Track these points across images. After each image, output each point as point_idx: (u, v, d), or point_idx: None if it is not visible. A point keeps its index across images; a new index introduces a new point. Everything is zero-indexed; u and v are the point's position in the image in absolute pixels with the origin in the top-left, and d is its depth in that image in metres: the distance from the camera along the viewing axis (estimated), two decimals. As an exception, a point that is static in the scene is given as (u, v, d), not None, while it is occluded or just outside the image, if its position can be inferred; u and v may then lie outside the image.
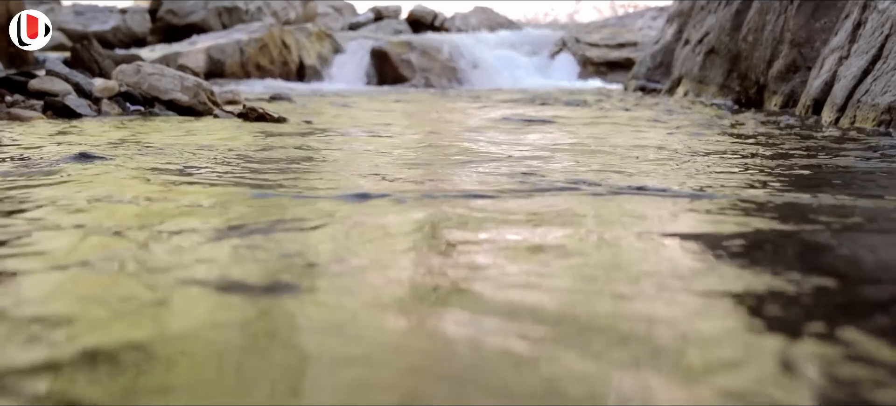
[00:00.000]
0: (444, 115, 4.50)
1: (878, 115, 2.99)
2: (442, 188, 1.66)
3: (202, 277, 0.92)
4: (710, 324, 0.77)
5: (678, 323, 0.77)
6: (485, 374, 0.64)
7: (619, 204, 1.47)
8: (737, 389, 0.61)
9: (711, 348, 0.70)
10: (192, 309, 0.81)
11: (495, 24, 15.61)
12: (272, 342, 0.72)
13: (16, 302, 0.84)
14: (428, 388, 0.62)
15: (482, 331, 0.74)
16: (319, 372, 0.66)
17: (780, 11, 4.82)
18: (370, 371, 0.65)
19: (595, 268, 0.99)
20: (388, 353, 0.69)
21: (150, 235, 1.14)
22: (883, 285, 0.94)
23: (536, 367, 0.66)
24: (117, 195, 1.51)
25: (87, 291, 0.88)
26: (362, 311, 0.80)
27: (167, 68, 4.40)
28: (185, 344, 0.71)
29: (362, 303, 0.83)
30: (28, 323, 0.75)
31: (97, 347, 0.69)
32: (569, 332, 0.74)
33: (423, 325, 0.77)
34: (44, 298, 0.86)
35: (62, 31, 12.12)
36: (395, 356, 0.69)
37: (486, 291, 0.87)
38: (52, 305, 0.82)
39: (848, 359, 0.68)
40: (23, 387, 0.61)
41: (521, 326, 0.75)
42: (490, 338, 0.73)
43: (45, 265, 0.98)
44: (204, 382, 0.62)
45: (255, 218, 1.28)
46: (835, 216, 1.34)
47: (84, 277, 0.93)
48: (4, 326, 0.75)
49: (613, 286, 0.90)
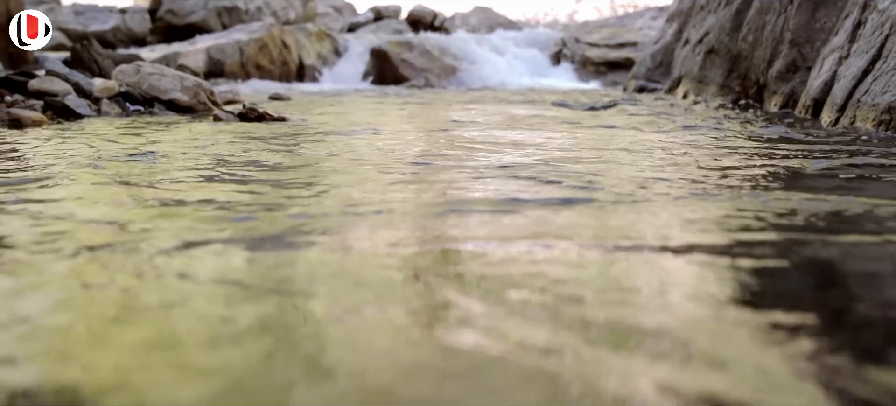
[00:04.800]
0: (444, 116, 4.49)
1: (878, 115, 2.99)
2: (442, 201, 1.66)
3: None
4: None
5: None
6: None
7: (618, 210, 1.46)
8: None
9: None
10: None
11: (495, 24, 15.59)
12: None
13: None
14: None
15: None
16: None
17: (780, 11, 4.82)
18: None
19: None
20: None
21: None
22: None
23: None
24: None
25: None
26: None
27: (167, 68, 4.40)
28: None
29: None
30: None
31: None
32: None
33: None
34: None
35: (62, 31, 12.11)
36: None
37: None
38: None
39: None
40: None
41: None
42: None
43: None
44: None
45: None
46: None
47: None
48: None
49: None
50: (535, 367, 0.71)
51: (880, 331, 0.83)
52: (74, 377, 0.70)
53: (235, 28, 11.04)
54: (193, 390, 0.67)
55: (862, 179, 1.86)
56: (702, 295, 0.93)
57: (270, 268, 1.06)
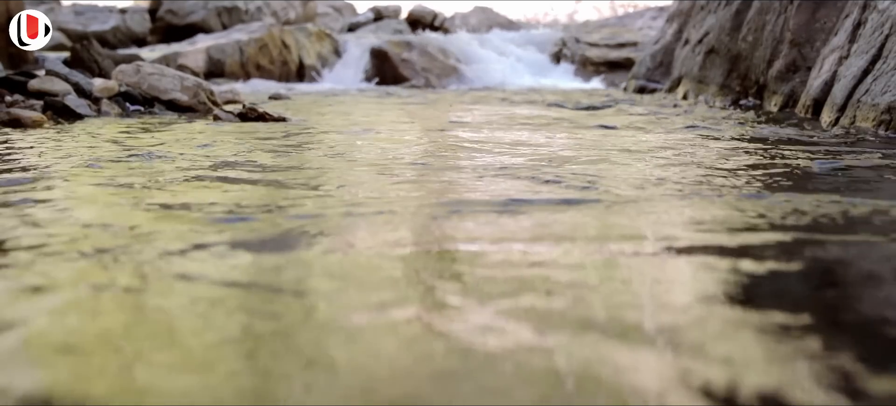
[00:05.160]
0: (444, 116, 4.49)
1: (878, 115, 2.99)
2: (442, 200, 1.66)
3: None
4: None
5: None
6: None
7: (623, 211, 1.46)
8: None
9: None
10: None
11: (495, 24, 15.58)
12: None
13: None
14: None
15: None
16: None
17: (780, 11, 4.82)
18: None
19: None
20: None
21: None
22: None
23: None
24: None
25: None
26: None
27: (167, 68, 4.40)
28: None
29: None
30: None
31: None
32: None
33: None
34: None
35: (62, 31, 12.11)
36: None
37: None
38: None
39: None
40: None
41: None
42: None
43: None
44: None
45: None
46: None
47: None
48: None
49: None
50: (536, 366, 0.71)
51: (886, 333, 0.83)
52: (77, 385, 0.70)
53: (235, 28, 11.03)
54: (196, 383, 0.67)
55: (862, 179, 1.86)
56: (701, 295, 0.93)
57: (271, 269, 1.06)
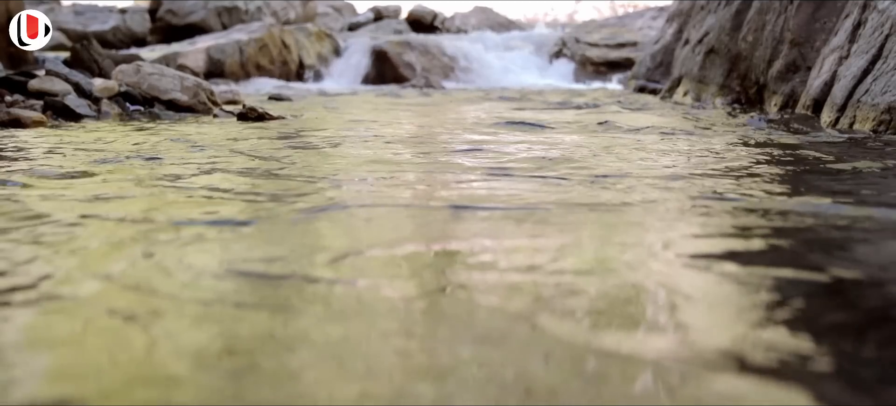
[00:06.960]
0: (444, 116, 4.49)
1: (878, 116, 2.99)
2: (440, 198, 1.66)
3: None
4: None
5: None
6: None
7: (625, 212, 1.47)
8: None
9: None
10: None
11: (495, 24, 15.58)
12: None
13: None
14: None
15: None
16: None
17: (780, 11, 4.82)
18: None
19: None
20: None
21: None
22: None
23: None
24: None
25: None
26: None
27: (167, 68, 4.40)
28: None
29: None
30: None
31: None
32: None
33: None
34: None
35: (62, 31, 12.11)
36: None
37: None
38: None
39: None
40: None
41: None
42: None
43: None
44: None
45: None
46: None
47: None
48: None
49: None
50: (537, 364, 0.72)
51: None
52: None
53: (235, 28, 11.03)
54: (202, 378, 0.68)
55: (862, 180, 1.86)
56: (702, 294, 0.94)
57: (270, 271, 1.07)
